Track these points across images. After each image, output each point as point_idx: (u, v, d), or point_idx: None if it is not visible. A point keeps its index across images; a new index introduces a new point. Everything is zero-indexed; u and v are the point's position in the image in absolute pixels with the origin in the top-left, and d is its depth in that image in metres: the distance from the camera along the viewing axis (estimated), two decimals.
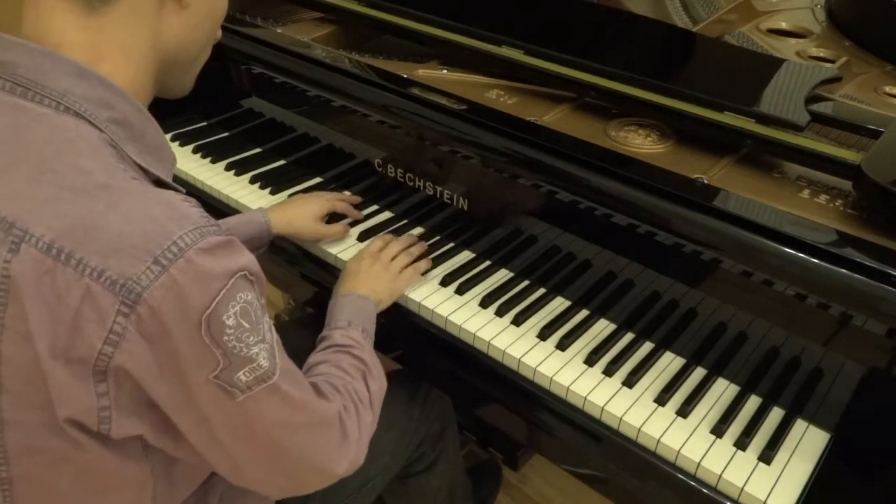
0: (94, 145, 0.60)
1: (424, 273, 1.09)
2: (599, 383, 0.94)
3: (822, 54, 1.23)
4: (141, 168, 0.65)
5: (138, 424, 0.62)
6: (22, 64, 0.61)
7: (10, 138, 0.60)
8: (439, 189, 1.15)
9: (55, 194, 0.57)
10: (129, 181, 0.59)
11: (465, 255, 1.16)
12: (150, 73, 0.68)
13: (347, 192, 1.28)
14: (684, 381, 0.95)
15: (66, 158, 0.58)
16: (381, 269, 1.04)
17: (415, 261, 1.09)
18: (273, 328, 0.67)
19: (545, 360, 0.97)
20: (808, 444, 0.88)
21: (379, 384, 0.89)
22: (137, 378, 0.58)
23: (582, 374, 0.95)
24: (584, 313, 1.05)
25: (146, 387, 0.59)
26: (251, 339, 0.61)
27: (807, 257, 0.81)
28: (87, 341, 0.56)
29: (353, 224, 1.21)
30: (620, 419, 0.89)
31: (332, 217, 1.20)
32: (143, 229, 0.56)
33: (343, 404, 0.79)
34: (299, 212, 1.15)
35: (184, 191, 1.02)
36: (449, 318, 1.03)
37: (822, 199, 0.92)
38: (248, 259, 0.62)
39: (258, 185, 1.32)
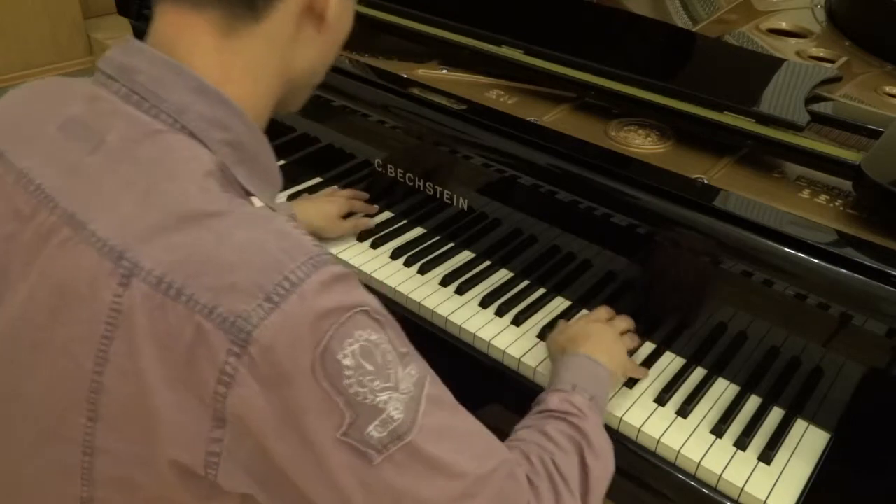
0: (205, 169, 0.57)
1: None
2: None
3: (822, 54, 1.23)
4: (247, 192, 0.62)
5: (253, 485, 0.56)
6: (144, 71, 0.58)
7: (122, 155, 0.57)
8: (439, 189, 1.15)
9: (164, 222, 0.54)
10: (239, 208, 0.56)
11: (465, 255, 1.16)
12: (274, 96, 0.65)
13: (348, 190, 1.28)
14: (684, 381, 0.95)
15: (178, 182, 0.55)
16: (616, 338, 0.92)
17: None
18: (427, 382, 0.58)
19: (545, 359, 0.97)
20: (808, 444, 0.88)
21: (603, 466, 0.73)
22: (254, 429, 0.53)
23: None
24: (583, 313, 1.05)
25: (265, 443, 0.53)
26: (377, 384, 0.53)
27: (807, 257, 0.81)
28: (202, 381, 0.52)
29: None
30: (620, 419, 0.89)
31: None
32: (255, 262, 0.52)
33: (530, 476, 0.66)
34: (323, 211, 1.17)
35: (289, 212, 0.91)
36: (449, 318, 1.03)
37: (822, 199, 0.92)
38: (368, 296, 0.56)
39: None
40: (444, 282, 1.09)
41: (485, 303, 1.05)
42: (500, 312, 1.04)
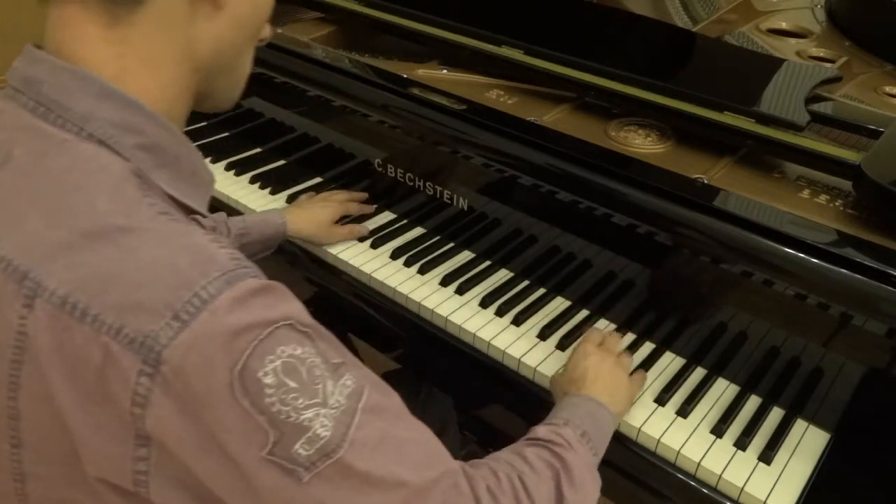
0: (116, 178, 0.54)
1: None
2: None
3: (822, 54, 1.23)
4: (171, 198, 0.59)
5: (188, 499, 0.55)
6: (46, 81, 0.56)
7: (31, 170, 0.54)
8: (439, 189, 1.15)
9: (69, 239, 0.51)
10: (152, 220, 0.53)
11: (465, 255, 1.16)
12: (185, 86, 0.61)
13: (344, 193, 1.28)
14: (684, 381, 0.95)
15: (84, 195, 0.53)
16: (615, 366, 0.88)
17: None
18: (366, 391, 0.55)
19: (545, 359, 0.97)
20: (808, 444, 0.88)
21: (580, 500, 0.69)
22: (176, 449, 0.51)
23: None
24: (584, 313, 1.05)
25: (189, 463, 0.52)
26: (301, 401, 0.51)
27: (807, 257, 0.81)
28: (117, 402, 0.50)
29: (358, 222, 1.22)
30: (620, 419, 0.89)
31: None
32: (163, 279, 0.50)
33: (492, 489, 0.63)
34: (315, 217, 1.16)
35: (223, 217, 0.93)
36: (449, 318, 1.03)
37: (822, 199, 0.92)
38: (293, 308, 0.53)
39: (258, 185, 1.32)
40: (444, 282, 1.09)
41: (485, 303, 1.05)
42: (500, 312, 1.04)
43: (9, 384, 0.52)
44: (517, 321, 1.03)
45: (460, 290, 1.08)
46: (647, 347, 1.00)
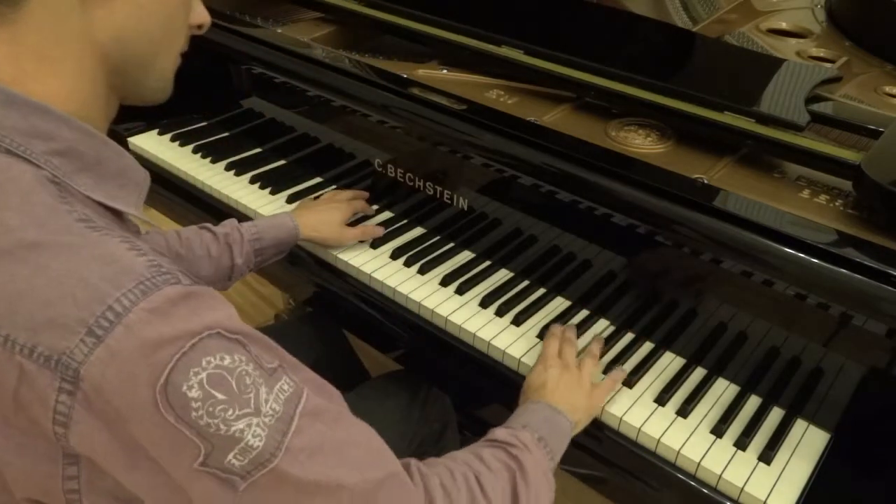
0: (26, 189, 0.51)
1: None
2: None
3: (822, 54, 1.23)
4: (97, 202, 0.56)
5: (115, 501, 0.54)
6: None
7: None
8: (439, 189, 1.15)
9: None
10: (67, 230, 0.51)
11: (465, 255, 1.16)
12: (94, 80, 0.58)
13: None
14: (684, 381, 0.95)
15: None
16: (573, 382, 0.88)
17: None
18: (304, 395, 0.54)
19: None
20: (808, 444, 0.88)
21: (534, 499, 0.70)
22: (105, 465, 0.50)
23: None
24: (584, 313, 1.05)
25: (120, 478, 0.51)
26: (230, 413, 0.49)
27: (807, 257, 0.81)
28: (38, 423, 0.49)
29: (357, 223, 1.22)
30: (620, 419, 0.89)
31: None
32: (74, 295, 0.47)
33: (446, 486, 0.63)
34: (326, 218, 1.15)
35: (234, 223, 0.94)
36: (449, 318, 1.03)
37: (822, 199, 0.92)
38: (220, 314, 0.51)
39: (258, 185, 1.32)
40: (444, 282, 1.09)
41: (485, 303, 1.05)
42: (500, 312, 1.04)
43: None
44: (517, 321, 1.03)
45: (460, 290, 1.08)
46: (647, 347, 1.00)
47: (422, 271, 1.11)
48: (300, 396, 0.54)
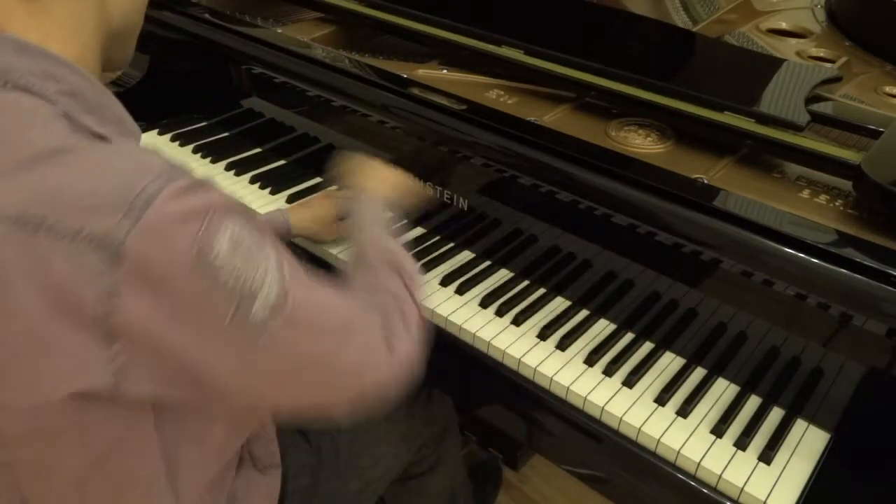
0: (46, 118, 0.58)
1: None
2: (599, 383, 0.94)
3: (822, 54, 1.23)
4: (102, 137, 0.62)
5: (164, 387, 0.60)
6: None
7: None
8: (439, 189, 1.15)
9: (13, 168, 0.55)
10: (87, 142, 0.58)
11: (465, 255, 1.16)
12: (98, 49, 0.66)
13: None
14: (684, 381, 0.95)
15: (19, 132, 0.57)
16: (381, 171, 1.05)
17: None
18: (284, 261, 0.63)
19: (545, 360, 0.97)
20: (808, 444, 0.88)
21: (420, 286, 0.85)
22: (147, 337, 0.56)
23: (582, 374, 0.95)
24: (584, 313, 1.05)
25: (161, 346, 0.57)
26: (249, 270, 0.58)
27: (807, 257, 0.81)
28: (84, 304, 0.54)
29: None
30: (620, 419, 0.89)
31: None
32: (109, 184, 0.54)
33: (367, 299, 0.76)
34: (318, 214, 1.15)
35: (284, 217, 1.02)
36: (449, 318, 1.03)
37: (822, 199, 0.92)
38: (224, 194, 0.60)
39: (258, 185, 1.32)
40: (444, 282, 1.09)
41: (485, 303, 1.05)
42: (500, 312, 1.04)
43: None
44: (517, 321, 1.03)
45: (460, 290, 1.08)
46: (647, 347, 1.00)
47: (421, 271, 1.11)
48: (282, 261, 0.62)
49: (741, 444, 0.86)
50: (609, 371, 0.95)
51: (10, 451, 0.61)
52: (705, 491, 0.84)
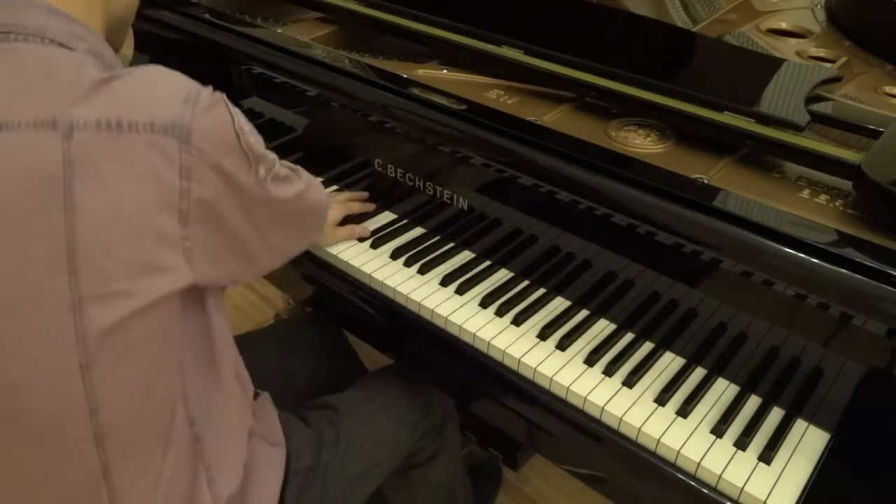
0: (89, 62, 0.67)
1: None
2: (599, 383, 0.94)
3: (822, 54, 1.23)
4: None
5: (208, 262, 0.70)
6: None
7: (10, 73, 0.65)
8: (439, 189, 1.15)
9: (79, 91, 0.63)
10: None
11: (465, 255, 1.16)
12: (101, 32, 0.76)
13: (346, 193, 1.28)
14: (684, 381, 0.95)
15: (74, 69, 0.65)
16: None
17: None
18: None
19: (545, 359, 0.97)
20: (808, 444, 0.88)
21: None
22: (213, 202, 0.68)
23: (582, 374, 0.95)
24: (584, 313, 1.05)
25: (219, 208, 0.69)
26: (255, 138, 0.72)
27: (807, 257, 0.81)
28: (168, 185, 0.64)
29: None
30: (620, 419, 0.89)
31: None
32: (167, 84, 0.66)
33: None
34: None
35: None
36: (449, 318, 1.03)
37: (822, 199, 0.92)
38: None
39: None
40: (444, 282, 1.09)
41: (485, 303, 1.05)
42: (500, 312, 1.04)
43: (64, 212, 0.62)
44: (517, 321, 1.03)
45: (460, 290, 1.08)
46: (647, 347, 1.00)
47: (422, 271, 1.11)
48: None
49: (741, 444, 0.86)
50: (609, 371, 0.95)
51: (91, 353, 0.65)
52: (705, 491, 0.84)
